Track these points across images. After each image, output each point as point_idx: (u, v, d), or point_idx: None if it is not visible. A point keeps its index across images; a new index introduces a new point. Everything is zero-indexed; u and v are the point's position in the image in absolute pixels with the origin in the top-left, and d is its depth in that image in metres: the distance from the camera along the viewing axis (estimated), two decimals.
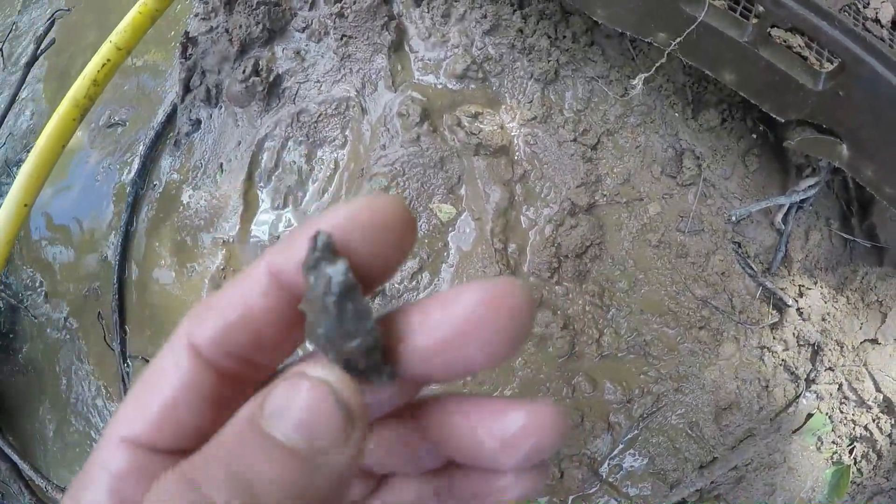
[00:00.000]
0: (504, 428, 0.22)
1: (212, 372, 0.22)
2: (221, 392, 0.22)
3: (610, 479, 1.31)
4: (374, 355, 0.21)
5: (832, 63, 1.13)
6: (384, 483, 0.27)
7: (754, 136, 1.37)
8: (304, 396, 0.20)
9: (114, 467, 0.22)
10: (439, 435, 0.24)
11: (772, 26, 1.14)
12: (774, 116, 1.17)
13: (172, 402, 0.22)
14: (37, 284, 1.63)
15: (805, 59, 1.13)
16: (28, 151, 1.44)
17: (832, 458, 1.43)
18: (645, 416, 1.30)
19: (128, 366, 1.49)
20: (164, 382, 0.22)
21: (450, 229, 1.27)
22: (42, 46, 1.83)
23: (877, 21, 1.30)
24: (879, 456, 1.43)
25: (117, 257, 1.51)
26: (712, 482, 1.36)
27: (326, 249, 0.21)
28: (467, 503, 0.25)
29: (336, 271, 0.20)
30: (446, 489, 0.26)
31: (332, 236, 0.21)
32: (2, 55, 2.03)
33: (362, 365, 0.21)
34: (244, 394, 0.22)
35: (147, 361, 1.49)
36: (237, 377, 0.23)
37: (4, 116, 1.85)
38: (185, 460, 0.20)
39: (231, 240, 1.40)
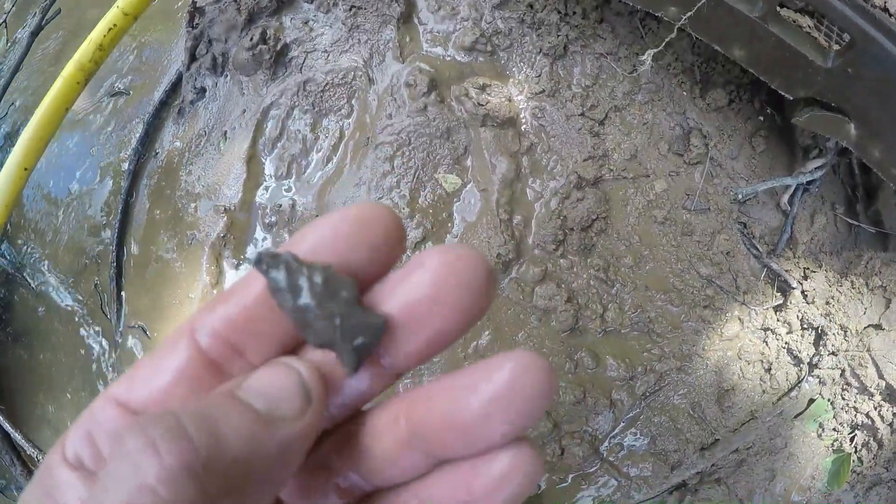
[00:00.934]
0: (485, 390, 0.23)
1: (207, 362, 0.25)
2: (211, 380, 0.25)
3: (610, 459, 1.30)
4: (353, 325, 0.23)
5: (841, 44, 1.13)
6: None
7: (761, 118, 1.37)
8: (275, 375, 0.24)
9: (101, 419, 0.24)
10: (422, 420, 0.24)
11: (780, 5, 1.14)
12: (783, 93, 1.16)
13: (167, 381, 0.25)
14: (34, 253, 1.61)
15: (815, 39, 1.13)
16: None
17: (833, 445, 1.42)
18: (647, 394, 1.29)
19: (121, 331, 1.47)
20: (165, 362, 0.25)
21: (455, 200, 1.26)
22: (47, 16, 1.82)
23: (885, 10, 1.31)
24: (880, 445, 1.42)
25: (117, 225, 1.50)
26: (713, 465, 1.35)
27: (266, 263, 0.23)
28: None
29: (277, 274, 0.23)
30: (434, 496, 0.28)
31: (264, 254, 0.24)
32: (6, 27, 2.02)
33: (345, 339, 0.23)
34: None
35: (144, 331, 1.47)
36: (228, 372, 0.25)
37: (7, 86, 1.83)
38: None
39: (233, 207, 1.39)
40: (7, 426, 1.47)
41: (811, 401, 1.39)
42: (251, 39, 1.40)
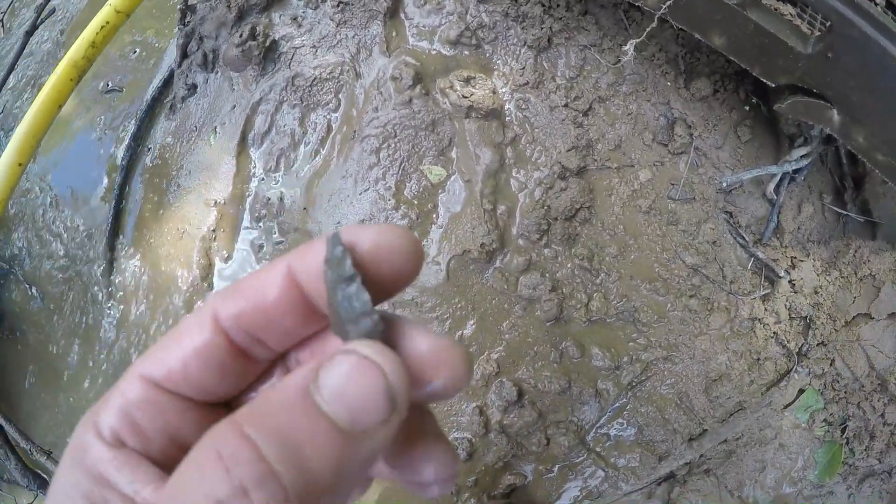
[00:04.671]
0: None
1: (227, 342, 0.26)
2: (232, 361, 0.26)
3: (597, 449, 1.30)
4: (374, 336, 0.24)
5: (822, 30, 1.13)
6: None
7: (747, 107, 1.37)
8: (357, 376, 0.22)
9: (130, 395, 0.26)
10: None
11: None
12: (764, 80, 1.16)
13: (189, 357, 0.26)
14: (27, 248, 1.64)
15: (795, 25, 1.13)
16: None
17: (824, 436, 1.41)
18: (633, 384, 1.29)
19: (116, 329, 1.49)
20: (187, 339, 0.26)
21: (440, 191, 1.27)
22: (42, 15, 1.85)
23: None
24: (872, 436, 1.41)
25: (109, 220, 1.52)
26: (702, 455, 1.34)
27: (339, 246, 0.25)
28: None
29: (346, 264, 0.25)
30: None
31: (341, 236, 0.25)
32: (2, 25, 2.05)
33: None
34: (251, 368, 0.27)
35: (136, 324, 1.48)
36: (248, 354, 0.27)
37: (2, 85, 1.86)
38: (237, 412, 0.22)
39: (223, 201, 1.41)
40: (1, 419, 1.49)
41: (801, 391, 1.38)
42: (241, 36, 1.42)
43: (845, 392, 1.39)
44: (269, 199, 1.37)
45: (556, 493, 1.28)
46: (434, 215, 1.27)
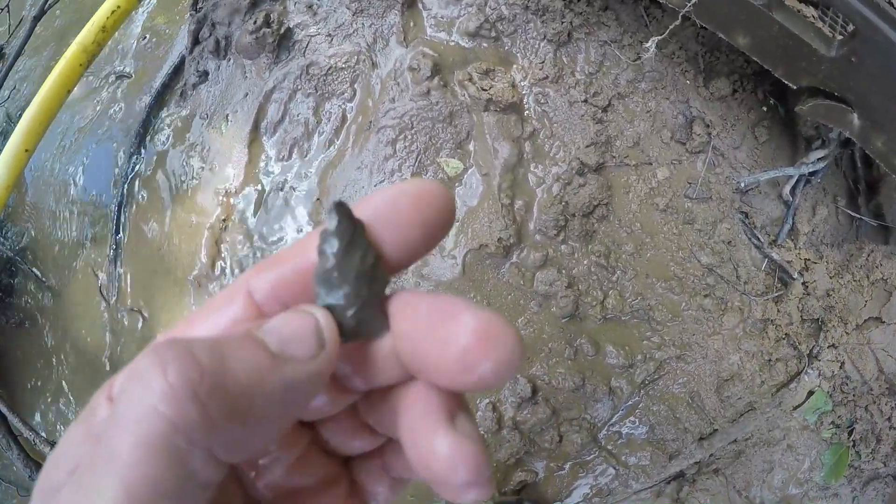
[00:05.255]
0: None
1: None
2: None
3: (608, 447, 1.29)
4: (358, 309, 0.25)
5: (845, 33, 1.12)
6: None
7: (765, 108, 1.37)
8: (292, 319, 0.24)
9: None
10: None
11: None
12: (786, 82, 1.16)
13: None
14: (35, 238, 1.61)
15: (819, 28, 1.13)
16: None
17: (831, 439, 1.42)
18: (646, 382, 1.28)
19: (121, 316, 1.46)
20: (216, 315, 0.26)
21: (457, 184, 1.26)
22: (50, 1, 1.82)
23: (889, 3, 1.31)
24: (878, 440, 1.42)
25: (116, 208, 1.49)
26: (711, 455, 1.34)
27: (344, 216, 0.24)
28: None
29: (339, 232, 0.24)
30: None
31: (346, 205, 0.25)
32: (8, 11, 2.01)
33: (351, 321, 0.25)
34: None
35: (142, 314, 1.46)
36: None
37: (9, 70, 1.83)
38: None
39: (233, 190, 1.39)
40: (4, 409, 1.47)
41: (810, 393, 1.38)
42: (254, 23, 1.40)
43: (854, 395, 1.39)
44: (282, 188, 1.35)
45: (566, 491, 1.28)
46: None
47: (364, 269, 0.24)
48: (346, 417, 0.29)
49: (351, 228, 0.24)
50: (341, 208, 0.24)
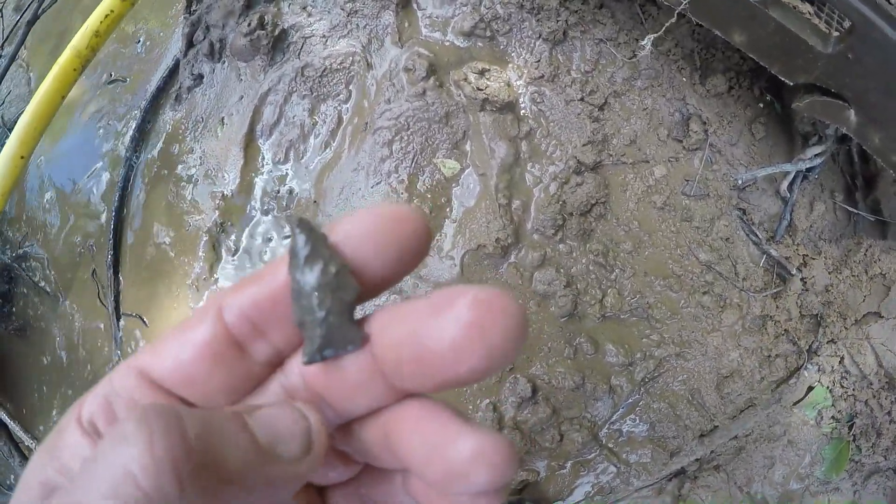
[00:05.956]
0: (455, 452, 0.23)
1: (231, 340, 0.25)
2: (233, 359, 0.25)
3: (609, 445, 1.29)
4: (325, 317, 0.24)
5: (841, 30, 1.12)
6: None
7: (761, 105, 1.37)
8: (286, 415, 0.24)
9: (116, 384, 0.25)
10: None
11: None
12: (783, 79, 1.16)
13: (190, 355, 0.25)
14: (32, 242, 1.60)
15: (815, 24, 1.13)
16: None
17: (832, 433, 1.42)
18: (646, 380, 1.28)
19: (121, 323, 1.46)
20: (189, 336, 0.25)
21: (454, 184, 1.26)
22: (44, 5, 1.81)
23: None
24: (879, 434, 1.42)
25: (114, 213, 1.49)
26: (712, 451, 1.34)
27: (303, 229, 0.24)
28: None
29: (298, 246, 0.24)
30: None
31: (305, 219, 0.25)
32: (2, 16, 2.00)
33: (319, 334, 0.24)
34: (248, 371, 0.26)
35: (142, 319, 1.46)
36: (248, 352, 0.26)
37: (3, 75, 1.82)
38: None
39: (230, 193, 1.38)
40: (5, 417, 1.46)
41: (810, 388, 1.38)
42: (249, 25, 1.39)
43: (853, 389, 1.39)
44: (279, 191, 1.35)
45: (567, 490, 1.28)
46: (448, 209, 1.26)
47: (327, 279, 0.24)
48: None
49: (311, 239, 0.24)
50: (300, 222, 0.24)
